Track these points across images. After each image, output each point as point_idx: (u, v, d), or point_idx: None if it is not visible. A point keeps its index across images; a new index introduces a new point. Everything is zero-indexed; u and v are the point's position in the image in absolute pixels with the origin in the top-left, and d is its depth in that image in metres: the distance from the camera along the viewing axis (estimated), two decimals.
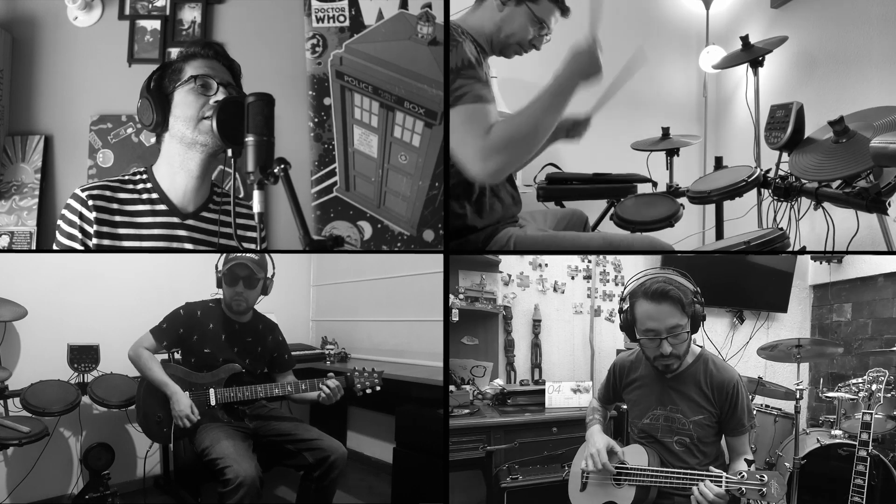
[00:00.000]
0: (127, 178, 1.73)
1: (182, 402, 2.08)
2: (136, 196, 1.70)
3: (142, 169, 1.76)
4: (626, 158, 3.09)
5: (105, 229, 1.64)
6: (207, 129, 1.64)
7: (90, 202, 1.62)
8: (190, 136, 1.66)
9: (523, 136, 1.61)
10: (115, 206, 1.66)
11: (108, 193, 1.67)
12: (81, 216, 1.63)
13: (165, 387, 2.10)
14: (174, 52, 2.41)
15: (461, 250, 1.89)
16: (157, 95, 1.66)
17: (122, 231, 1.66)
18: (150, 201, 1.71)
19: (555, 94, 1.62)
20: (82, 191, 1.64)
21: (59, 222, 1.66)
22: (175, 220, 1.72)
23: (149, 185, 1.72)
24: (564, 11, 1.89)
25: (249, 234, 1.88)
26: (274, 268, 2.30)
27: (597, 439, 1.85)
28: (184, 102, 1.66)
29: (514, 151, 1.62)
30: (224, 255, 2.20)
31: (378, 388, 2.19)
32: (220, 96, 1.65)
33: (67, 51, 2.63)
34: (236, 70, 1.77)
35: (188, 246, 1.72)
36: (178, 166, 1.71)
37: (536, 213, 2.24)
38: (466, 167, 1.63)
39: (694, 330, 1.73)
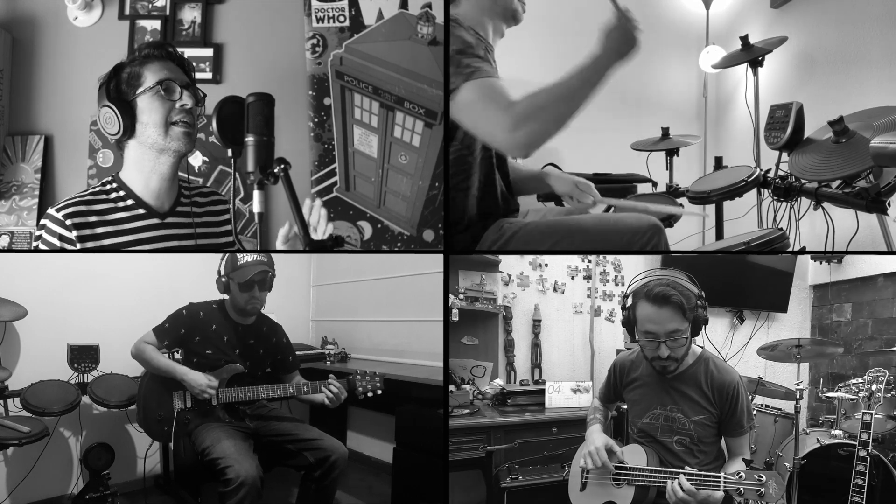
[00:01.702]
0: (98, 189, 1.72)
1: (195, 377, 2.09)
2: (112, 205, 1.69)
3: (109, 178, 1.75)
4: (626, 158, 3.09)
5: (90, 245, 1.62)
6: (178, 135, 1.67)
7: (68, 221, 1.60)
8: (162, 143, 1.67)
9: (555, 105, 1.56)
10: (93, 218, 1.65)
11: (83, 208, 1.64)
12: (62, 238, 1.61)
13: (173, 370, 2.11)
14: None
15: (461, 250, 1.88)
16: (120, 103, 1.64)
17: (107, 242, 1.65)
18: (127, 208, 1.70)
19: (591, 70, 1.59)
20: (57, 211, 1.62)
21: (37, 244, 1.62)
22: (155, 220, 1.73)
23: (122, 193, 1.71)
24: None
25: (220, 219, 1.89)
26: (273, 270, 2.30)
27: (595, 438, 1.85)
28: (150, 108, 1.65)
29: (545, 121, 1.56)
30: (226, 258, 2.20)
31: (379, 392, 2.18)
32: (186, 100, 1.67)
33: (67, 51, 2.64)
34: (188, 68, 1.77)
35: (175, 244, 1.74)
36: (149, 171, 1.71)
37: (533, 213, 2.23)
38: (494, 138, 1.61)
39: (695, 333, 1.73)
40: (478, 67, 1.62)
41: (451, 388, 2.64)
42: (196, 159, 2.64)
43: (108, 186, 1.73)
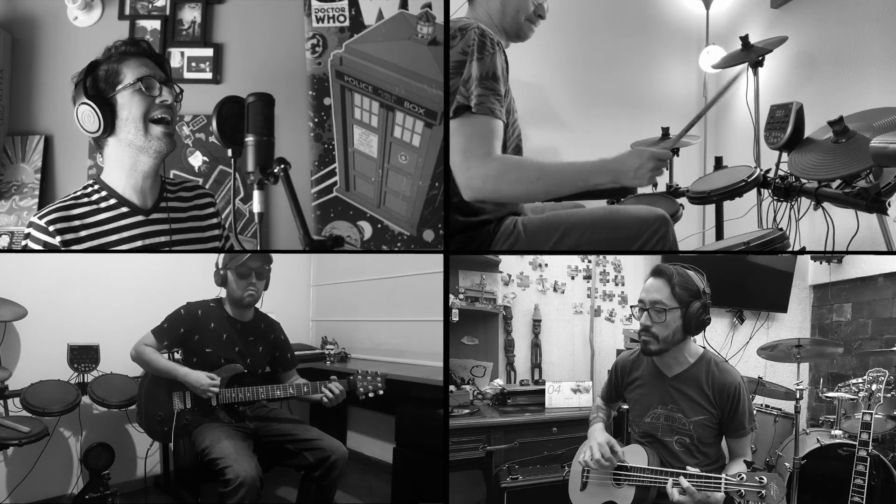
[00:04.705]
0: (80, 193, 1.70)
1: (198, 378, 2.09)
2: (94, 207, 1.67)
3: (90, 182, 1.73)
4: None
5: (74, 248, 1.60)
6: (159, 134, 1.65)
7: (51, 227, 1.58)
8: (142, 142, 1.65)
9: (522, 187, 1.67)
10: (76, 223, 1.62)
11: (64, 213, 1.62)
12: (46, 244, 1.58)
13: (175, 371, 2.11)
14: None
15: (461, 250, 1.88)
16: (99, 100, 1.61)
17: (93, 243, 1.63)
18: (110, 207, 1.68)
19: (581, 174, 1.69)
20: (40, 219, 1.60)
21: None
22: (140, 217, 1.70)
23: (104, 194, 1.69)
24: None
25: (206, 212, 1.87)
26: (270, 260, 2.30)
27: (598, 435, 1.86)
28: (130, 104, 1.63)
29: (504, 192, 1.68)
30: (223, 253, 2.21)
31: (381, 392, 2.18)
32: (166, 96, 1.65)
33: (67, 51, 2.64)
34: (165, 64, 1.74)
35: (162, 239, 1.72)
36: (130, 168, 1.69)
37: (531, 210, 2.24)
38: (457, 174, 1.69)
39: (687, 327, 1.73)
40: (483, 103, 1.66)
41: (451, 388, 2.64)
42: (196, 159, 2.64)
43: (90, 189, 1.70)
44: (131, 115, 1.63)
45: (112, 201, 1.69)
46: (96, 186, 1.70)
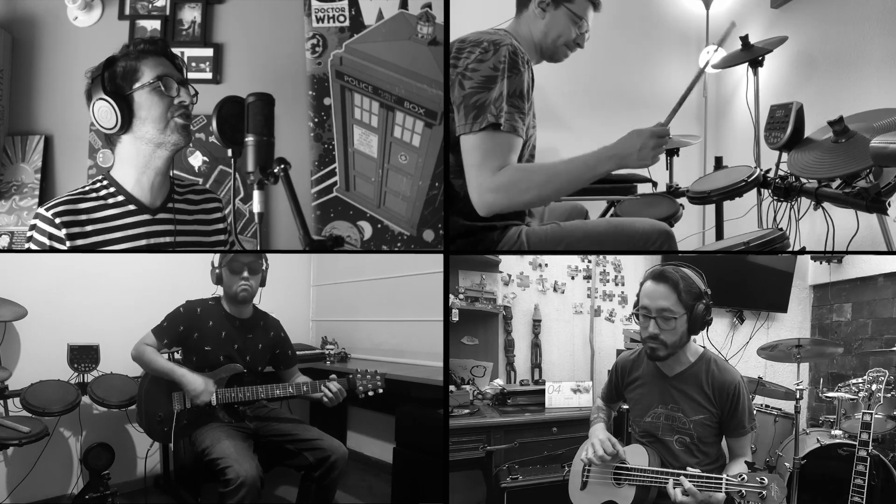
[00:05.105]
0: (88, 187, 1.71)
1: (194, 382, 2.09)
2: (101, 203, 1.68)
3: (100, 177, 1.74)
4: None
5: (79, 242, 1.62)
6: (177, 127, 1.68)
7: (57, 220, 1.60)
8: (159, 138, 1.67)
9: (533, 193, 1.69)
10: (83, 217, 1.64)
11: (72, 207, 1.64)
12: (52, 236, 1.60)
13: (173, 373, 2.11)
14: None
15: (461, 250, 1.88)
16: (117, 97, 1.62)
17: (98, 238, 1.65)
18: (117, 204, 1.70)
19: (588, 166, 1.71)
20: (47, 210, 1.61)
21: (29, 245, 1.62)
22: (146, 216, 1.72)
23: (112, 190, 1.71)
24: (597, 6, 1.95)
25: (212, 217, 1.88)
26: (266, 261, 2.31)
27: (599, 433, 1.86)
28: (149, 104, 1.65)
29: (516, 200, 1.71)
30: (219, 253, 2.21)
31: (380, 391, 2.18)
32: (184, 97, 1.68)
33: (67, 51, 2.64)
34: (179, 64, 1.76)
35: (167, 239, 1.74)
36: (143, 166, 1.71)
37: (535, 209, 2.24)
38: (471, 191, 1.70)
39: (692, 329, 1.73)
40: (506, 120, 1.69)
41: (451, 388, 2.64)
42: (196, 159, 2.64)
43: (99, 184, 1.72)
44: (150, 115, 1.65)
45: (120, 198, 1.71)
46: (105, 182, 1.72)
